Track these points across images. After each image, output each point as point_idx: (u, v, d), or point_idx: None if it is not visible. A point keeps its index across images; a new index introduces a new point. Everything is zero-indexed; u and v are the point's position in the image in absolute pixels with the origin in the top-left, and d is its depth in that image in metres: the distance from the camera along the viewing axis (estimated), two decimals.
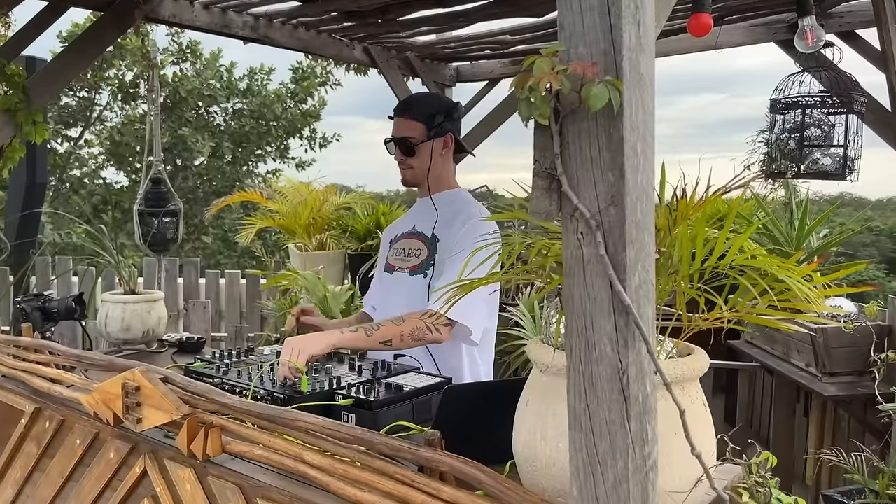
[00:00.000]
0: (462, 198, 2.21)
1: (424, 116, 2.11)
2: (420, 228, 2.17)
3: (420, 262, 2.13)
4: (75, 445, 1.69)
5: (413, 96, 2.24)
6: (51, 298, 2.10)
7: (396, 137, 2.12)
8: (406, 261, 2.17)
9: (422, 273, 2.11)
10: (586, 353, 0.79)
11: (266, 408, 1.30)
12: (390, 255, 2.24)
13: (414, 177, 2.15)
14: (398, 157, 2.13)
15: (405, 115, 2.12)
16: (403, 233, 2.23)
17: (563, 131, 0.78)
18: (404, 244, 2.20)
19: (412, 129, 2.10)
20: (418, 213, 2.22)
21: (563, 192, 0.77)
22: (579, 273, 0.78)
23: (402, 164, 2.14)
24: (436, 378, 1.79)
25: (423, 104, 2.18)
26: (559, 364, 1.08)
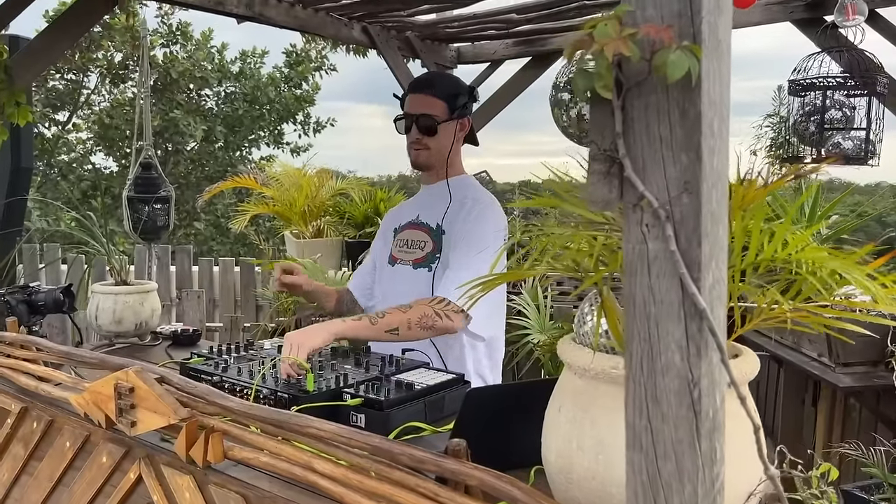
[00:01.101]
0: (471, 183, 2.10)
1: (447, 95, 1.97)
2: (425, 219, 2.06)
3: (424, 255, 2.02)
4: (65, 448, 1.59)
5: (433, 73, 2.12)
6: (37, 290, 1.98)
7: (415, 114, 1.97)
8: (409, 252, 2.06)
9: (426, 266, 2.00)
10: (649, 363, 0.69)
11: (272, 412, 1.19)
12: (394, 245, 2.12)
13: (429, 159, 2.01)
14: (414, 136, 1.98)
15: (426, 91, 1.98)
16: (408, 222, 2.11)
17: (627, 106, 0.67)
18: (408, 235, 2.09)
19: (433, 106, 1.96)
20: (424, 201, 2.11)
21: (626, 177, 0.67)
22: (642, 271, 0.68)
23: (416, 145, 1.99)
24: (447, 375, 1.69)
25: (445, 82, 2.05)
26: (598, 368, 0.98)
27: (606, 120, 0.68)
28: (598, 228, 0.95)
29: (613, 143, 0.68)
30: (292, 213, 4.32)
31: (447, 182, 2.02)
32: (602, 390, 0.99)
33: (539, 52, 3.46)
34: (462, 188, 2.03)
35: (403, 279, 2.04)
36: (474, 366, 1.97)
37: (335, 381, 1.57)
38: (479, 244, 1.90)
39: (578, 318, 1.09)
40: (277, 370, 1.63)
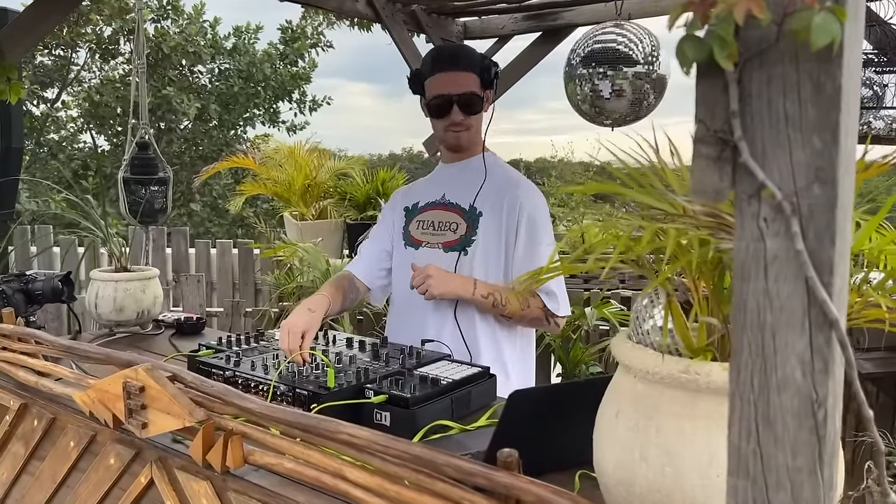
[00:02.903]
0: (502, 162, 2.00)
1: (479, 67, 1.83)
2: (454, 199, 1.93)
3: (458, 238, 1.88)
4: (69, 448, 1.49)
5: (453, 46, 1.98)
6: (34, 278, 1.87)
7: (455, 94, 1.81)
8: (438, 235, 1.93)
9: (460, 250, 1.87)
10: (762, 379, 0.60)
11: (298, 415, 1.10)
12: (413, 227, 1.99)
13: (470, 139, 1.89)
14: (456, 117, 1.83)
15: (459, 67, 1.82)
16: (430, 202, 1.97)
17: (744, 79, 0.57)
18: (432, 216, 1.95)
19: (471, 81, 1.82)
20: (448, 180, 1.97)
21: (742, 163, 0.57)
22: (758, 274, 0.58)
23: (458, 127, 1.85)
24: (472, 368, 1.61)
25: (472, 53, 1.89)
26: (664, 371, 0.89)
27: (718, 96, 0.58)
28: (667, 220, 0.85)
29: (727, 122, 0.58)
30: (291, 193, 4.20)
31: (482, 158, 1.91)
32: (669, 396, 0.90)
33: (550, 27, 3.33)
34: (497, 166, 1.93)
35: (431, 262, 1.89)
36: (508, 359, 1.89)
37: (356, 377, 1.48)
38: (551, 238, 1.90)
39: (637, 315, 0.99)
40: (293, 364, 1.54)
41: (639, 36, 2.58)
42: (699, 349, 0.92)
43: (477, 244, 1.86)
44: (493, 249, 1.86)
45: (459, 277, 1.81)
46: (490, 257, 1.85)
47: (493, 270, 1.85)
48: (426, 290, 1.74)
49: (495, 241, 1.85)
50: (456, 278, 1.80)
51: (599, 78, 2.61)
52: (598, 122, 2.80)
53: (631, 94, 2.61)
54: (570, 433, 1.17)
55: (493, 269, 1.86)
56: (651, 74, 2.61)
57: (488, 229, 1.86)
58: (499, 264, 1.86)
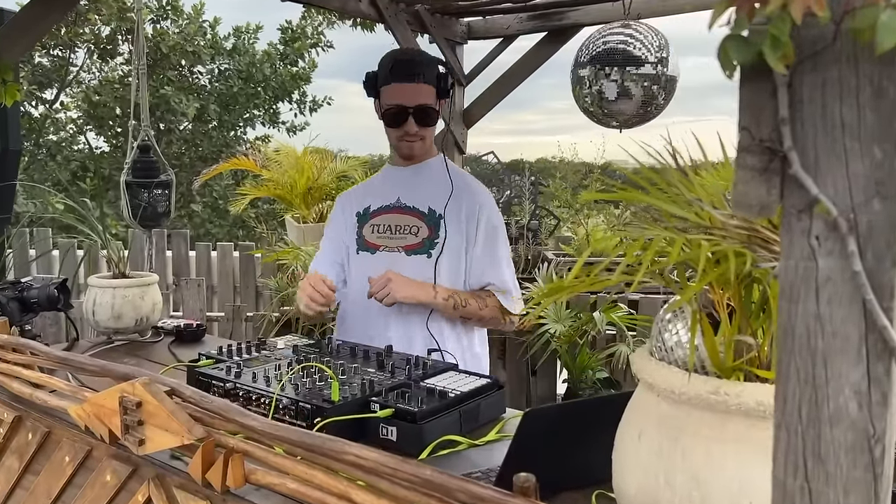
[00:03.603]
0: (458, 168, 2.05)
1: (435, 78, 1.86)
2: (411, 203, 1.94)
3: (420, 241, 1.91)
4: (64, 463, 1.45)
5: (412, 54, 1.96)
6: (30, 286, 1.82)
7: (412, 106, 1.84)
8: (396, 239, 1.93)
9: (424, 253, 1.90)
10: (812, 410, 0.55)
11: (302, 434, 1.05)
12: (367, 231, 1.98)
13: (422, 149, 1.93)
14: (411, 128, 1.87)
15: (417, 79, 1.84)
16: (384, 206, 1.98)
17: (795, 83, 0.52)
18: (388, 220, 1.96)
19: (428, 94, 1.85)
20: (400, 184, 1.97)
21: (792, 175, 0.52)
22: (808, 295, 0.53)
23: (412, 137, 1.89)
24: (480, 379, 1.56)
25: (430, 63, 1.90)
26: (692, 392, 0.84)
27: (765, 101, 0.53)
28: (696, 231, 0.80)
29: (775, 130, 0.53)
30: (293, 195, 4.15)
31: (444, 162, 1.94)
32: (696, 417, 0.85)
33: (556, 27, 3.28)
34: (454, 171, 1.96)
35: (394, 267, 1.90)
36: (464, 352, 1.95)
37: (360, 389, 1.43)
38: (506, 239, 2.00)
39: (659, 330, 0.94)
40: (296, 378, 1.49)
41: (647, 36, 2.53)
42: (728, 368, 0.87)
43: (440, 246, 1.88)
44: (456, 251, 1.89)
45: (418, 282, 1.85)
46: (454, 259, 1.89)
47: (455, 272, 1.90)
48: (388, 295, 1.78)
49: (457, 243, 1.89)
50: (415, 282, 1.84)
51: (607, 79, 2.56)
52: (606, 124, 2.75)
53: (639, 95, 2.56)
54: (586, 452, 1.12)
55: (456, 270, 1.90)
56: (660, 75, 2.56)
57: (450, 232, 1.89)
58: (461, 266, 1.91)
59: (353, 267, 2.01)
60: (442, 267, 1.88)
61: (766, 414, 0.81)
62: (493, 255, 1.92)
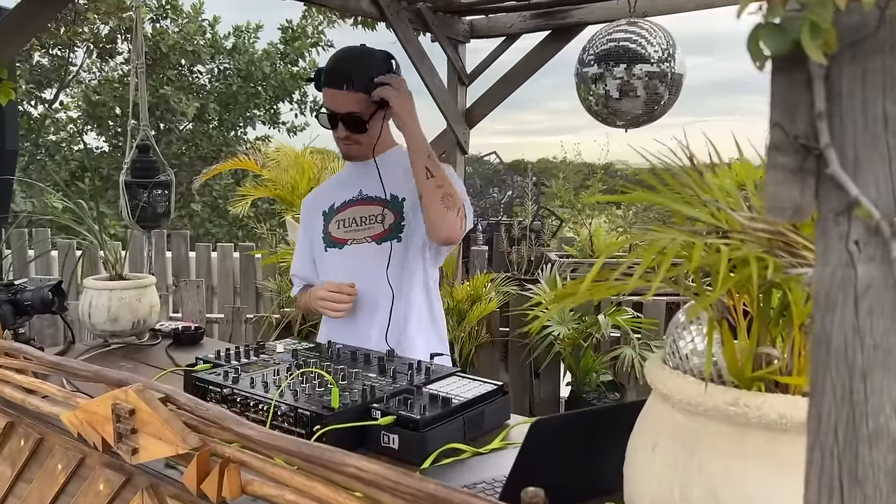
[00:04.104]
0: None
1: (368, 84, 1.81)
2: (372, 193, 1.92)
3: (388, 228, 1.90)
4: (56, 470, 1.41)
5: (345, 58, 1.90)
6: (23, 288, 1.79)
7: (338, 113, 1.84)
8: (364, 230, 1.92)
9: (394, 238, 1.89)
10: (849, 429, 0.51)
11: (300, 444, 1.01)
12: (332, 227, 1.97)
13: (360, 151, 1.91)
14: (342, 133, 1.86)
15: (346, 86, 1.82)
16: (347, 201, 1.96)
17: (832, 75, 0.48)
18: (352, 213, 1.94)
19: (358, 102, 1.82)
20: (360, 178, 1.96)
21: (829, 175, 0.48)
22: (846, 305, 0.49)
23: (346, 141, 1.88)
24: (484, 384, 1.51)
25: (362, 69, 1.84)
26: (709, 403, 0.80)
27: (800, 94, 0.49)
28: (716, 235, 0.76)
29: (811, 126, 0.49)
30: (294, 196, 4.11)
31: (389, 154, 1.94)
32: (713, 430, 0.81)
33: (559, 26, 3.24)
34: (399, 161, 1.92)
35: (363, 259, 1.91)
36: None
37: (361, 395, 1.39)
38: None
39: (674, 338, 0.90)
40: (295, 383, 1.45)
41: (653, 34, 2.49)
42: (747, 378, 0.83)
43: (409, 228, 1.88)
44: (422, 228, 1.87)
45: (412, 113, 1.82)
46: (421, 237, 1.89)
47: (428, 247, 1.90)
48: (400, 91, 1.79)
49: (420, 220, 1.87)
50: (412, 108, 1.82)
51: (612, 78, 2.52)
52: (611, 123, 2.71)
53: (645, 94, 2.51)
54: (595, 462, 1.08)
55: (429, 245, 1.90)
56: (666, 74, 2.52)
57: (414, 210, 1.88)
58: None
59: (322, 265, 2.01)
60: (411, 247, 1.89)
61: (788, 427, 0.77)
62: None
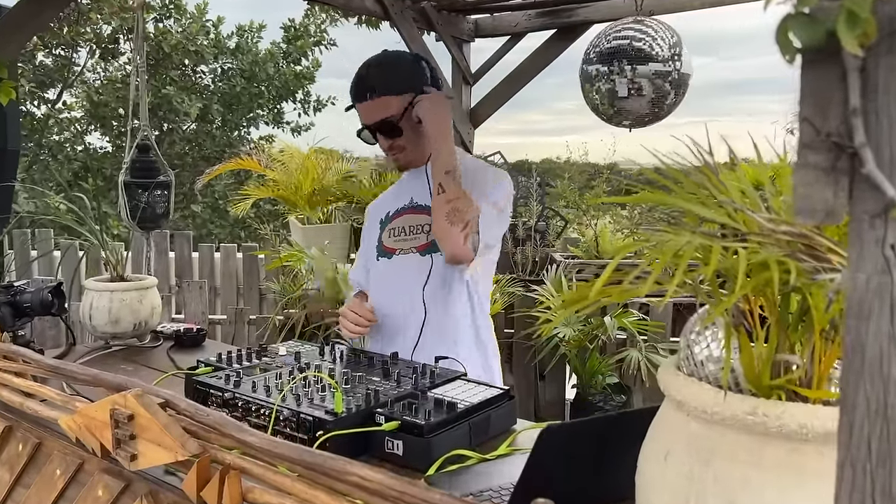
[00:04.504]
0: (467, 158, 1.94)
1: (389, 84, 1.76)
2: (421, 201, 1.86)
3: (431, 240, 1.83)
4: (55, 476, 1.38)
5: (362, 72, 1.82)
6: (23, 290, 1.76)
7: (371, 124, 1.79)
8: (410, 240, 1.87)
9: (436, 250, 1.81)
10: (884, 444, 0.48)
11: (302, 451, 0.98)
12: (385, 236, 1.93)
13: (409, 156, 1.84)
14: (384, 143, 1.82)
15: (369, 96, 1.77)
16: (399, 209, 1.92)
17: (868, 68, 0.45)
18: (403, 222, 1.90)
19: (387, 106, 1.76)
20: (412, 186, 1.91)
21: (865, 174, 0.45)
22: (882, 313, 0.47)
23: (391, 151, 1.82)
24: (490, 389, 1.49)
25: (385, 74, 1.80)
26: (726, 412, 0.77)
27: (832, 89, 0.46)
28: (734, 237, 0.73)
29: (844, 123, 0.46)
30: (298, 197, 4.08)
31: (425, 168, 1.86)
32: (730, 439, 0.78)
33: (565, 24, 3.21)
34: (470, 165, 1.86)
35: (407, 270, 1.86)
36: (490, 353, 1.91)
37: (365, 400, 1.36)
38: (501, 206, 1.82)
39: (688, 343, 0.87)
40: (297, 387, 1.42)
41: (660, 32, 2.46)
42: (765, 386, 0.80)
43: None
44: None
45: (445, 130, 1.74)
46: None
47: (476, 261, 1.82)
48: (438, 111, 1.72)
49: None
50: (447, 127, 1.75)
51: (618, 76, 2.49)
52: (616, 123, 2.68)
53: (651, 93, 2.48)
54: (605, 470, 1.05)
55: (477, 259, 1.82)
56: (672, 73, 2.49)
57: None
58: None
59: (373, 274, 1.97)
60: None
61: (810, 437, 0.74)
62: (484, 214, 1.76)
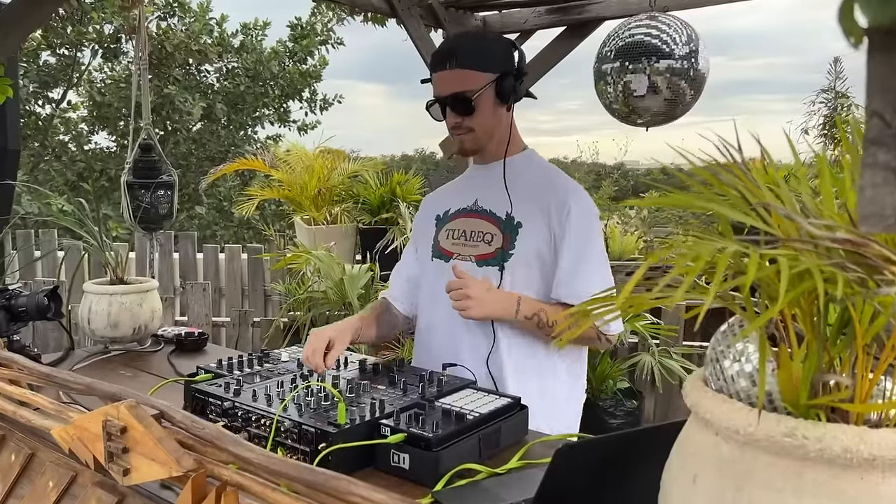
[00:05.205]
0: (541, 162, 1.79)
1: (477, 59, 1.62)
2: (488, 206, 1.72)
3: (493, 252, 1.67)
4: (48, 488, 1.33)
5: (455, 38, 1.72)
6: (18, 293, 1.71)
7: (445, 96, 1.64)
8: (469, 246, 1.72)
9: (496, 265, 1.66)
10: None
11: (302, 469, 0.92)
12: (442, 236, 1.78)
13: (476, 142, 1.69)
14: (451, 120, 1.66)
15: (450, 64, 1.62)
16: (462, 209, 1.77)
17: None
18: (464, 224, 1.75)
19: (467, 80, 1.62)
20: (480, 185, 1.76)
21: None
22: None
23: (457, 130, 1.67)
24: (500, 398, 1.42)
25: (471, 45, 1.68)
26: (761, 433, 0.71)
27: None
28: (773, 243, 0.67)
29: None
30: (303, 197, 4.03)
31: (520, 159, 1.73)
32: (766, 463, 0.71)
33: (576, 21, 3.14)
34: (535, 168, 1.73)
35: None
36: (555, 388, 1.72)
37: (370, 410, 1.31)
38: (602, 248, 1.69)
39: (716, 356, 0.81)
40: (300, 395, 1.36)
41: (676, 28, 2.39)
42: (802, 405, 0.73)
43: (515, 259, 1.65)
44: (535, 265, 1.65)
45: (502, 295, 1.61)
46: (531, 273, 1.66)
47: (534, 287, 1.66)
48: (464, 311, 1.56)
49: (536, 256, 1.65)
50: (498, 298, 1.59)
51: (633, 73, 2.42)
52: (631, 122, 2.61)
53: (667, 91, 2.42)
54: (626, 491, 0.99)
55: (535, 285, 1.66)
56: (689, 70, 2.42)
57: (528, 242, 1.65)
58: (542, 280, 1.66)
59: (426, 276, 1.81)
60: (517, 281, 1.65)
61: (854, 462, 0.68)
62: (585, 271, 1.62)
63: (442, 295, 1.62)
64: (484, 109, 1.64)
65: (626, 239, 3.70)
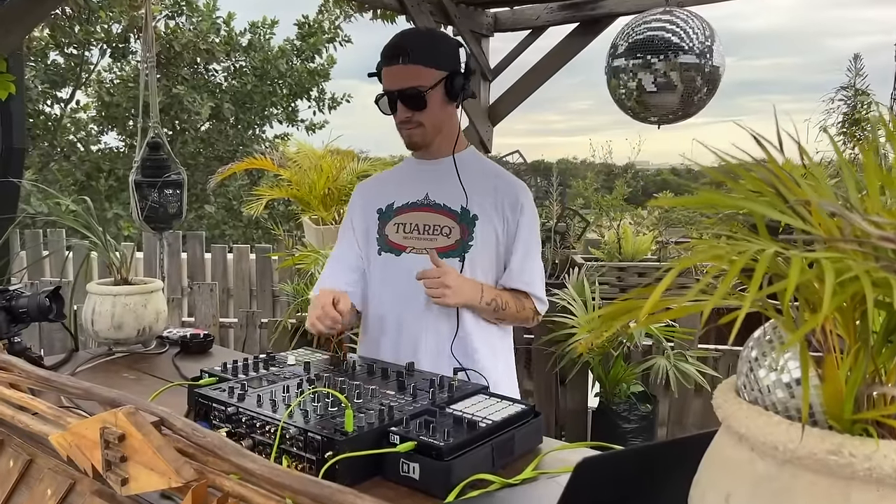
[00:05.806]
0: (485, 161, 1.92)
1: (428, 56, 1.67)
2: (442, 201, 1.77)
3: (453, 243, 1.75)
4: (46, 496, 1.29)
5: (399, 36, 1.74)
6: (19, 294, 1.67)
7: (395, 90, 1.68)
8: (425, 240, 1.77)
9: (457, 256, 1.75)
10: None
11: (306, 481, 0.88)
12: (390, 230, 1.81)
13: (424, 138, 1.75)
14: (402, 115, 1.71)
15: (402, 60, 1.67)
16: (410, 203, 1.80)
17: None
18: (415, 218, 1.79)
19: (419, 75, 1.66)
20: (428, 178, 1.80)
21: None
22: None
23: (406, 124, 1.72)
24: (514, 405, 1.37)
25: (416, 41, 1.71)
26: (803, 451, 0.65)
27: None
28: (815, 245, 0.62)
29: None
30: (312, 197, 4.00)
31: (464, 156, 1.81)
32: (808, 482, 0.66)
33: (589, 17, 3.08)
34: (482, 164, 1.85)
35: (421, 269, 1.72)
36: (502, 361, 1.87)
37: (378, 417, 1.26)
38: (539, 239, 1.87)
39: (751, 365, 0.75)
40: (306, 402, 1.32)
41: (691, 23, 2.33)
42: (846, 419, 0.68)
43: (475, 250, 1.76)
44: (492, 254, 1.79)
45: (471, 283, 1.73)
46: (488, 263, 1.79)
47: (490, 275, 1.80)
48: (440, 297, 1.67)
49: (493, 246, 1.78)
50: (469, 286, 1.72)
51: (648, 69, 2.36)
52: (644, 119, 2.56)
53: (682, 87, 2.36)
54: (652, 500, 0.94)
55: (491, 274, 1.80)
56: (704, 66, 2.36)
57: (485, 233, 1.76)
58: (496, 269, 1.81)
59: (374, 270, 1.84)
60: (477, 271, 1.77)
61: None
62: (532, 261, 1.81)
63: (398, 287, 1.75)
64: (434, 105, 1.70)
65: (639, 239, 3.63)
